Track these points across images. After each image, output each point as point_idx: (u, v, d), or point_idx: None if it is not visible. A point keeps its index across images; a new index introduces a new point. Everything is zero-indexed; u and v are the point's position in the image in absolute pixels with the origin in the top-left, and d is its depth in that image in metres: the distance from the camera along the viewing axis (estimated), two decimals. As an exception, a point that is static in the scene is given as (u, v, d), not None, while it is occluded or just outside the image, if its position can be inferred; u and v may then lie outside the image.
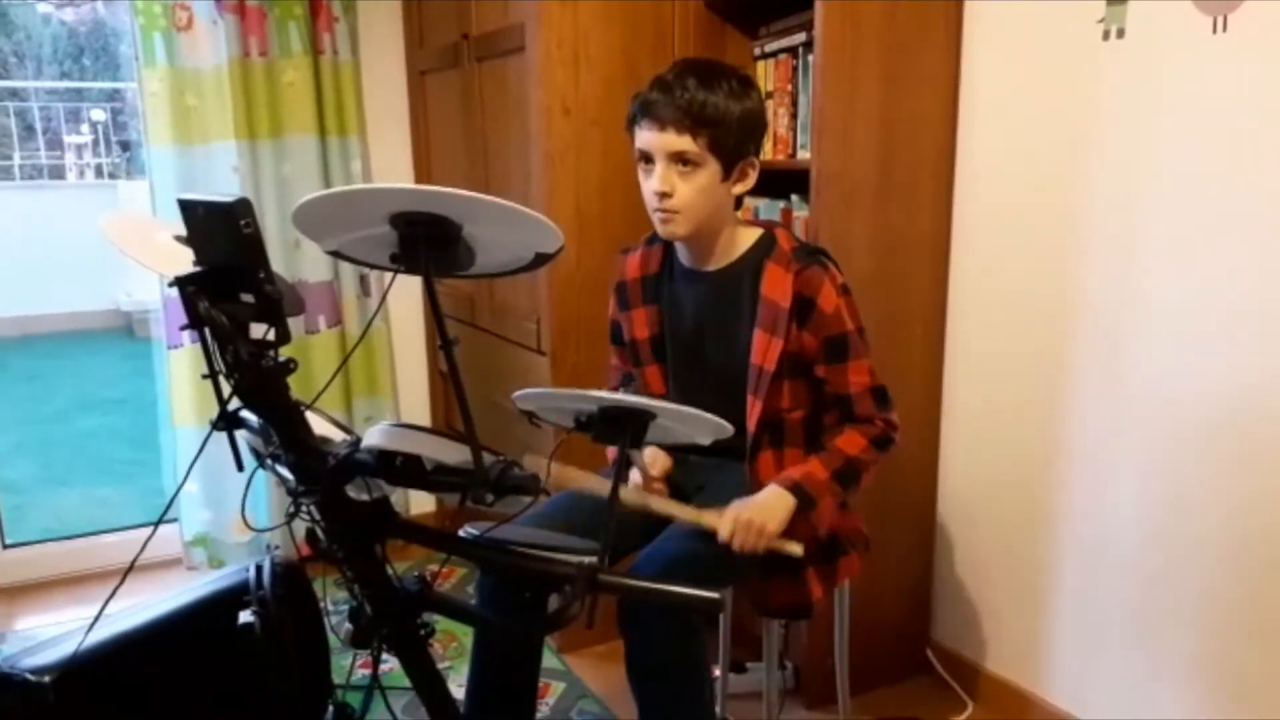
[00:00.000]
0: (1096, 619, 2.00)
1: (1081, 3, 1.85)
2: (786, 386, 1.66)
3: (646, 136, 1.58)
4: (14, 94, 8.42)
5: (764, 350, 1.63)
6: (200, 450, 1.28)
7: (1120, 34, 1.80)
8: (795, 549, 1.57)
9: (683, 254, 1.73)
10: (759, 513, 1.55)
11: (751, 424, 1.66)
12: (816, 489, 1.60)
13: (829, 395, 1.67)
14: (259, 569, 1.44)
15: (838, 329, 1.62)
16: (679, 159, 1.57)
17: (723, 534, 1.55)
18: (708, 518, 1.57)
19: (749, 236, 1.69)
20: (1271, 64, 1.59)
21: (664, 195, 1.58)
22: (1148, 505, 1.87)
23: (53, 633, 1.63)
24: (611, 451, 1.67)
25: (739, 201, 1.69)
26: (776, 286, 1.62)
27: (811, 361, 1.65)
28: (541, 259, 1.21)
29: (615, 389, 1.88)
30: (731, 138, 1.57)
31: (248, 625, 1.38)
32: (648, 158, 1.60)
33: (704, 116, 1.54)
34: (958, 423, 2.26)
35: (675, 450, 1.76)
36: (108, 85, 8.44)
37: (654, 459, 1.73)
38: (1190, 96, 1.71)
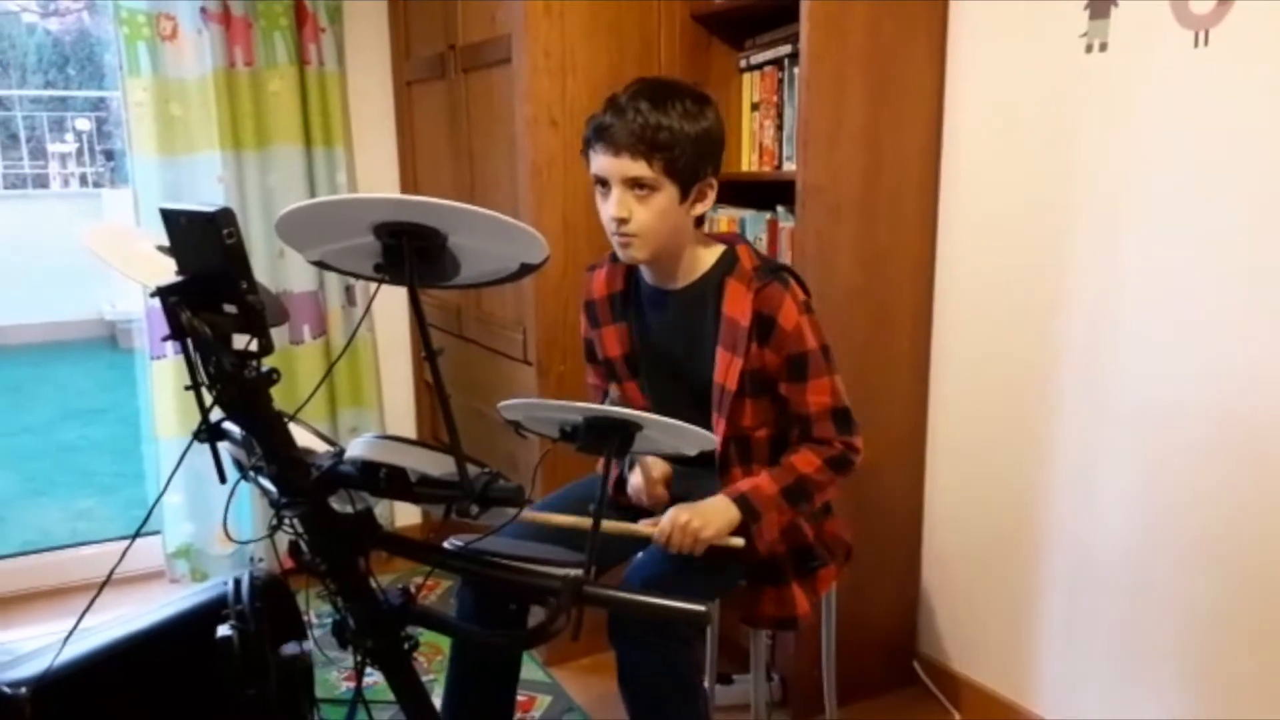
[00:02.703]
0: (1081, 630, 2.01)
1: (1065, 17, 1.87)
2: (749, 405, 1.65)
3: (601, 162, 1.56)
4: (-2, 102, 8.39)
5: (725, 369, 1.63)
6: (180, 461, 1.27)
7: (1103, 47, 1.82)
8: (736, 542, 1.57)
9: (646, 273, 1.72)
10: (697, 517, 1.55)
11: (718, 441, 1.66)
12: (762, 502, 1.59)
13: (790, 414, 1.65)
14: (238, 582, 1.43)
15: (799, 347, 1.60)
16: (635, 184, 1.55)
17: (658, 537, 1.55)
18: (644, 527, 1.58)
19: (711, 254, 1.68)
20: (1252, 78, 1.60)
21: (621, 220, 1.56)
22: (1132, 517, 1.88)
23: (32, 646, 1.62)
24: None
25: (700, 219, 1.67)
26: (737, 304, 1.61)
27: (775, 379, 1.64)
28: (527, 269, 1.21)
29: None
30: (687, 160, 1.54)
31: (225, 639, 1.36)
32: (604, 182, 1.58)
33: (658, 141, 1.52)
34: (943, 436, 2.27)
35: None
36: (92, 94, 8.40)
37: (655, 462, 1.73)
38: (1173, 110, 1.72)
